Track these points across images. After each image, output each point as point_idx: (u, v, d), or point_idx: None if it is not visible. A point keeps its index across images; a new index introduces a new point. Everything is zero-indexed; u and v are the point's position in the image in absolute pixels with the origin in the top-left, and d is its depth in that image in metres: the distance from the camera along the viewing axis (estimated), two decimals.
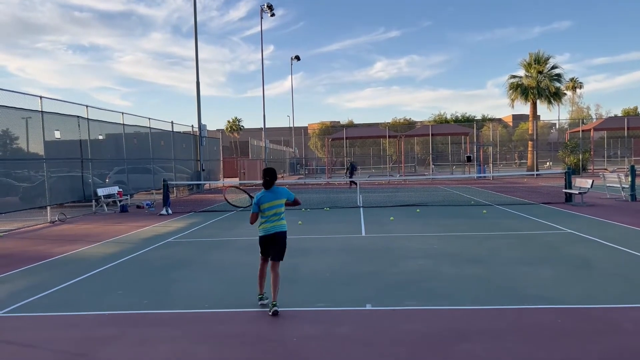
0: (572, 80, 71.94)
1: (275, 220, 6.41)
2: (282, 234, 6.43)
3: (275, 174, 6.48)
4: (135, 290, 7.53)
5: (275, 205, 6.37)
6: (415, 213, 16.22)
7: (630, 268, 8.10)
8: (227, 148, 72.05)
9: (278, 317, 6.07)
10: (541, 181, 32.67)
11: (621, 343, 5.00)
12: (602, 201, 18.26)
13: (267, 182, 6.39)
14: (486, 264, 8.61)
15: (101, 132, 20.87)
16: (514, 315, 5.95)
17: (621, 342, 5.01)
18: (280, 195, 6.43)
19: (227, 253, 10.35)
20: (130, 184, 22.60)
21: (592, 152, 43.92)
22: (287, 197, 6.48)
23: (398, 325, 5.71)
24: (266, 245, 6.45)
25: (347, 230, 12.70)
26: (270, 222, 6.39)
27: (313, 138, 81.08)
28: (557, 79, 42.55)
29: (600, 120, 55.78)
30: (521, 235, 11.58)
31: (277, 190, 6.44)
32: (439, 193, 24.63)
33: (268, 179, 6.39)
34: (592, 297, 6.59)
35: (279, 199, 6.40)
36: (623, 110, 76.73)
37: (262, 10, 42.68)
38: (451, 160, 56.87)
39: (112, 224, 15.46)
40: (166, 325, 5.96)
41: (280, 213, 6.42)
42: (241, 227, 14.12)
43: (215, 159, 35.15)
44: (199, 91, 29.99)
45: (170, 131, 27.24)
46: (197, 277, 8.30)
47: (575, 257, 8.97)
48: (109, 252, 10.73)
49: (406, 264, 8.74)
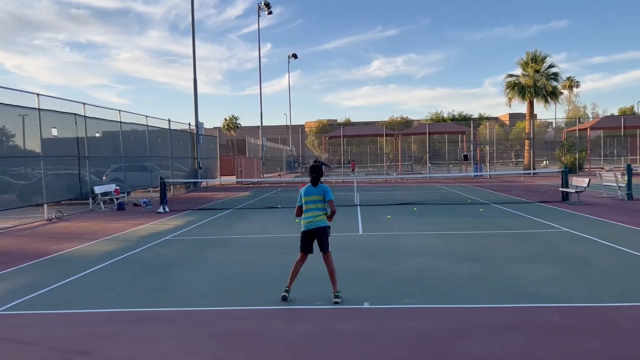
0: (569, 79, 72.15)
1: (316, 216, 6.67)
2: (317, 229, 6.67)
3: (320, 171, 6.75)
4: (133, 288, 7.53)
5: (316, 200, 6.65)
6: (413, 211, 16.24)
7: (627, 267, 8.13)
8: (224, 146, 71.99)
9: (277, 316, 6.07)
10: (538, 180, 32.75)
11: (619, 341, 5.02)
12: (598, 200, 18.32)
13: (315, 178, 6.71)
14: (484, 262, 8.63)
15: (98, 129, 20.83)
16: (512, 313, 5.97)
17: (619, 341, 5.04)
18: (323, 191, 6.67)
19: (224, 251, 10.34)
20: (127, 181, 22.57)
21: (588, 151, 44.03)
22: (325, 193, 6.65)
23: (396, 323, 5.72)
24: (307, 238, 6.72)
25: (345, 229, 12.71)
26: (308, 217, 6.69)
27: (310, 136, 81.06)
28: (554, 78, 42.63)
29: (596, 120, 55.94)
30: (518, 233, 11.61)
31: (322, 187, 6.70)
32: (436, 192, 24.66)
33: (315, 176, 6.71)
34: (589, 295, 6.61)
35: (319, 194, 6.66)
36: (619, 110, 77.02)
37: (260, 8, 42.63)
38: (448, 158, 56.93)
39: (109, 222, 15.43)
40: (164, 323, 5.96)
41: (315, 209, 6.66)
42: (238, 225, 14.12)
43: (212, 157, 35.12)
44: (196, 89, 29.97)
45: (167, 129, 27.20)
46: (195, 275, 8.29)
47: (572, 256, 9.00)
48: (106, 249, 10.72)
49: (404, 262, 8.76)
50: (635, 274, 7.62)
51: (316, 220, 6.64)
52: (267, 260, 9.23)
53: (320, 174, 6.75)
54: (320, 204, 6.66)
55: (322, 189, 6.68)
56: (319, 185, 6.71)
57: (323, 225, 6.65)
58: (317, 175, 6.70)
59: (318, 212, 6.65)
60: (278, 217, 15.37)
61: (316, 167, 6.74)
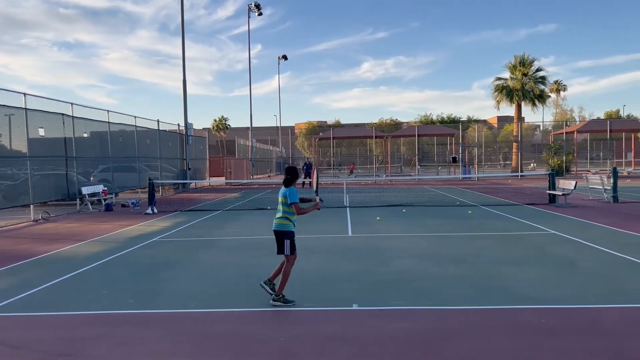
0: (556, 82, 72.74)
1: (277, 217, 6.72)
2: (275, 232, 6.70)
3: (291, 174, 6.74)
4: (121, 290, 7.48)
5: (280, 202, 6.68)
6: (402, 213, 16.30)
7: (612, 268, 8.23)
8: (214, 147, 71.73)
9: (265, 317, 6.08)
10: (525, 182, 33.02)
11: (603, 342, 5.08)
12: (585, 202, 18.51)
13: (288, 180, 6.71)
14: (471, 264, 8.69)
15: (86, 130, 20.66)
16: (499, 315, 6.02)
17: (603, 341, 5.10)
18: (285, 194, 6.62)
19: (213, 252, 10.31)
20: (115, 182, 22.42)
21: (575, 154, 44.44)
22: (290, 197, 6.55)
23: (384, 324, 5.75)
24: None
25: (334, 230, 12.72)
26: None
27: (300, 138, 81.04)
28: (542, 82, 43.04)
29: (583, 123, 56.45)
30: (505, 235, 11.70)
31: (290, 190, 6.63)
32: (425, 193, 24.78)
33: (287, 177, 6.73)
34: (575, 297, 6.68)
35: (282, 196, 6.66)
36: (606, 113, 77.88)
37: (250, 9, 42.59)
38: (437, 161, 57.18)
39: (97, 223, 15.32)
40: (152, 325, 5.93)
41: (280, 210, 6.67)
42: (227, 226, 14.08)
43: (201, 157, 34.98)
44: (186, 90, 29.87)
45: (156, 130, 27.06)
46: (183, 277, 8.26)
47: (559, 258, 9.09)
48: (94, 251, 10.64)
49: (392, 264, 8.79)
50: (620, 276, 7.72)
51: (275, 222, 6.68)
52: (255, 262, 9.21)
53: (294, 176, 6.72)
54: (284, 206, 6.61)
55: (287, 191, 6.59)
56: (289, 187, 6.65)
57: (278, 230, 6.64)
58: (290, 177, 6.70)
59: (280, 214, 6.64)
60: (267, 218, 15.33)
61: (290, 169, 6.79)
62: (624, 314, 5.98)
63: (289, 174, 6.72)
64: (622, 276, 7.71)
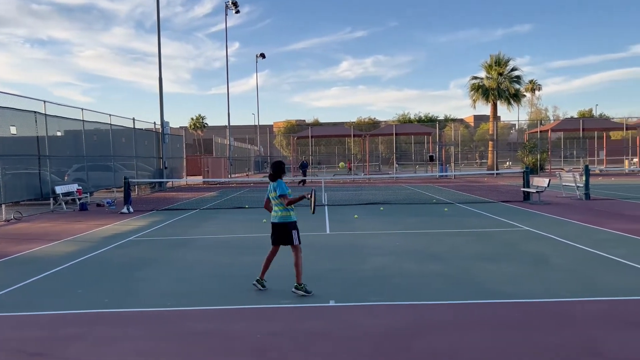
0: (531, 82, 74.00)
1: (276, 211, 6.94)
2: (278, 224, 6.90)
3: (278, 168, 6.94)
4: (96, 289, 7.38)
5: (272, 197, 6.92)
6: (379, 211, 16.41)
7: (583, 263, 8.42)
8: (191, 146, 71.15)
9: (241, 315, 6.07)
10: (501, 180, 33.51)
11: (574, 335, 5.21)
12: (558, 200, 18.88)
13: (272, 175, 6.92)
14: (447, 260, 8.80)
15: (60, 128, 20.29)
16: (474, 310, 6.11)
17: (574, 334, 5.22)
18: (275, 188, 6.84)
19: (189, 251, 10.25)
20: (90, 181, 22.07)
21: (549, 152, 45.30)
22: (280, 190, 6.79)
23: (362, 321, 5.79)
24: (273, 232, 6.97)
25: (312, 228, 12.74)
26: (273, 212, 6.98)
27: (278, 136, 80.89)
28: (517, 81, 43.76)
29: (557, 122, 57.53)
30: (481, 232, 11.87)
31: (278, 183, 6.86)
32: (403, 192, 24.97)
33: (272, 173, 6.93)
34: (547, 291, 6.82)
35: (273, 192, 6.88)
36: (579, 112, 79.56)
37: (227, 6, 42.31)
38: (414, 159, 57.69)
39: (71, 223, 15.07)
40: (128, 323, 5.87)
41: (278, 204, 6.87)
42: (204, 225, 14.00)
43: (178, 156, 34.66)
44: (162, 88, 29.56)
45: (132, 128, 26.73)
46: (159, 276, 8.19)
47: (532, 254, 9.26)
48: (68, 251, 10.47)
49: (370, 261, 8.85)
50: (591, 270, 7.91)
51: (278, 215, 6.88)
52: (232, 260, 9.18)
53: (280, 171, 6.93)
54: (277, 199, 6.85)
55: (276, 184, 6.85)
56: (277, 180, 6.89)
57: (282, 222, 6.85)
58: (273, 172, 6.92)
59: (280, 207, 6.86)
60: (245, 217, 15.29)
61: (275, 164, 7.02)
62: (594, 307, 6.12)
63: (273, 169, 6.92)
64: (593, 271, 7.90)
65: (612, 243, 10.06)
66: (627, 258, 8.58)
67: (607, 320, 5.63)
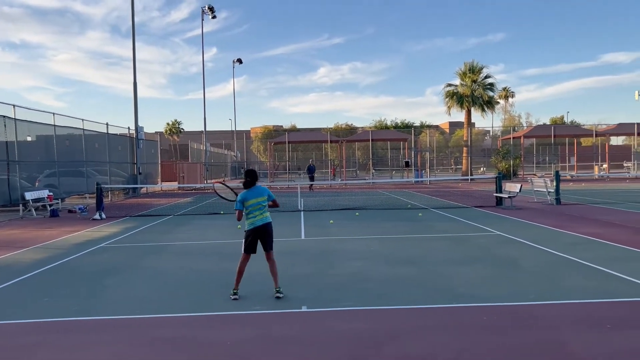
0: (504, 89, 75.28)
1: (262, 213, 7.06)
2: (269, 224, 7.11)
3: (255, 175, 7.12)
4: (65, 297, 7.24)
5: (260, 202, 7.03)
6: (355, 216, 16.48)
7: (552, 267, 8.58)
8: (166, 151, 70.41)
9: (213, 321, 6.03)
10: (475, 186, 33.97)
11: (543, 337, 5.30)
12: (529, 205, 19.22)
13: (249, 182, 7.04)
14: (420, 265, 8.88)
15: (30, 133, 19.90)
16: (446, 313, 6.18)
17: (541, 336, 5.31)
18: (264, 193, 7.08)
19: (162, 258, 10.13)
20: (61, 187, 21.66)
21: (522, 158, 46.07)
22: (268, 194, 7.09)
23: (335, 325, 5.80)
24: (255, 237, 7.03)
25: (287, 234, 12.72)
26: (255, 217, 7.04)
27: (255, 142, 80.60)
28: (490, 88, 44.40)
29: (530, 128, 58.65)
30: (454, 237, 12.01)
31: (260, 189, 7.10)
32: (379, 197, 25.12)
33: (250, 180, 7.02)
34: (517, 294, 6.93)
35: (263, 195, 7.05)
36: (551, 119, 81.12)
37: (204, 11, 42.14)
38: (391, 165, 58.08)
39: (41, 229, 14.77)
40: (97, 331, 5.77)
41: (262, 208, 7.05)
42: (178, 231, 13.86)
43: (152, 162, 34.27)
44: (136, 92, 29.22)
45: (105, 133, 26.35)
46: (130, 283, 8.08)
47: (503, 258, 9.41)
48: (36, 258, 10.25)
49: (343, 266, 8.88)
50: (560, 274, 8.06)
51: (266, 216, 7.08)
52: (206, 267, 9.11)
53: (257, 178, 7.08)
54: (264, 204, 7.04)
55: (266, 190, 7.10)
56: (257, 187, 7.03)
57: (270, 222, 7.12)
58: (252, 179, 7.03)
59: (266, 210, 7.10)
60: (220, 222, 15.19)
61: (252, 171, 7.13)
62: (562, 309, 6.25)
63: (253, 176, 7.06)
64: (562, 274, 8.06)
65: (581, 247, 10.28)
66: (594, 261, 8.78)
67: (574, 323, 5.75)
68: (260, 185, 7.12)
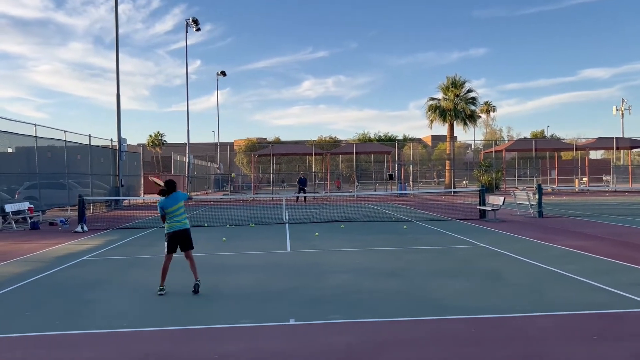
0: (486, 103, 76.27)
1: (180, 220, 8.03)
2: (186, 230, 8.10)
3: (174, 185, 8.12)
4: (46, 312, 7.10)
5: (178, 207, 8.00)
6: (340, 229, 16.47)
7: (535, 279, 8.66)
8: (149, 163, 69.80)
9: (198, 335, 5.96)
10: (458, 199, 34.23)
11: (527, 349, 5.33)
12: (512, 217, 19.41)
13: (166, 191, 8.00)
14: (405, 277, 8.89)
15: (10, 144, 19.59)
16: (431, 326, 6.19)
17: (527, 348, 5.35)
18: (180, 199, 8.07)
19: (145, 271, 10.00)
20: (42, 199, 21.31)
21: (504, 172, 46.66)
22: (184, 199, 8.19)
23: (322, 338, 5.77)
24: (174, 240, 8.03)
25: (272, 246, 12.67)
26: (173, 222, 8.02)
27: (239, 154, 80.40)
28: (472, 102, 45.01)
29: (511, 142, 59.47)
30: (438, 249, 12.07)
31: (177, 195, 8.05)
32: (363, 209, 25.17)
33: (167, 189, 7.99)
34: (502, 306, 6.97)
35: (179, 202, 8.05)
36: (532, 133, 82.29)
37: (187, 24, 42.17)
38: (374, 178, 58.35)
39: (21, 242, 14.49)
40: (80, 346, 5.67)
41: (182, 213, 8.04)
42: (160, 244, 13.61)
43: (135, 174, 33.95)
44: (119, 104, 29.00)
45: (87, 145, 26.07)
46: (113, 296, 7.95)
47: (487, 270, 9.47)
48: (16, 271, 10.05)
49: (330, 279, 8.85)
50: (545, 286, 8.13)
51: (185, 222, 8.06)
52: (189, 280, 8.99)
53: (173, 188, 8.01)
54: (182, 209, 8.02)
55: (180, 197, 8.08)
56: (175, 195, 8.00)
57: (189, 227, 8.16)
58: (170, 188, 7.99)
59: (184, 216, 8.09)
60: (203, 235, 15.05)
61: (171, 181, 8.10)
62: (548, 321, 6.30)
63: (172, 185, 8.04)
64: (545, 286, 8.13)
65: (565, 259, 10.40)
66: (577, 273, 8.88)
67: (560, 334, 5.80)
68: (180, 192, 8.11)
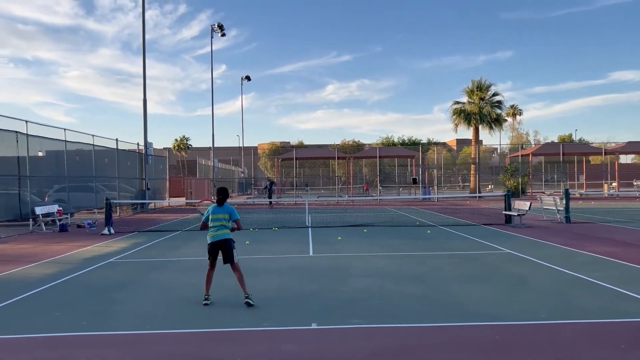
0: (512, 107, 75.27)
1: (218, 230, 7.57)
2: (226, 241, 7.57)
3: (227, 193, 7.78)
4: (74, 312, 7.26)
5: (223, 217, 7.56)
6: (363, 233, 16.43)
7: (563, 286, 8.50)
8: (174, 167, 70.76)
9: (221, 338, 6.01)
10: (483, 203, 33.81)
11: (551, 356, 5.24)
12: (539, 223, 19.10)
13: (219, 200, 7.65)
14: (429, 283, 8.83)
15: (41, 148, 20.10)
16: (454, 332, 6.13)
17: (551, 356, 5.26)
18: (229, 211, 7.64)
19: (171, 273, 10.14)
20: (71, 202, 21.79)
21: (530, 176, 45.91)
22: (233, 213, 7.65)
23: (344, 343, 5.77)
24: (213, 250, 7.61)
25: (295, 250, 12.71)
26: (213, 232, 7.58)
27: (263, 158, 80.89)
28: (498, 106, 44.44)
29: (538, 146, 58.49)
30: (463, 254, 11.94)
31: (228, 207, 7.67)
32: (386, 214, 25.05)
33: (221, 197, 7.64)
34: (527, 313, 6.87)
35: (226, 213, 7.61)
36: (559, 137, 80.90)
37: (213, 29, 42.70)
38: (398, 182, 57.99)
39: (51, 244, 14.83)
40: (107, 346, 5.78)
41: (224, 227, 7.58)
42: (186, 247, 13.87)
43: (161, 177, 34.44)
44: (146, 108, 29.50)
45: (114, 149, 26.56)
46: (139, 298, 8.08)
47: (513, 276, 9.34)
48: (47, 272, 10.29)
49: (352, 283, 8.84)
50: (570, 293, 7.99)
51: (223, 232, 7.55)
52: (213, 283, 9.08)
53: (226, 196, 7.69)
54: (225, 222, 7.56)
55: (227, 209, 7.61)
56: (225, 206, 7.61)
57: (228, 238, 7.56)
58: (222, 197, 7.64)
59: (225, 229, 7.59)
60: None
61: (221, 189, 7.73)
62: (573, 329, 6.18)
63: (221, 194, 7.67)
64: (572, 293, 7.99)
65: (593, 265, 10.19)
66: (607, 281, 8.69)
67: (587, 342, 5.69)
68: (229, 205, 7.68)
